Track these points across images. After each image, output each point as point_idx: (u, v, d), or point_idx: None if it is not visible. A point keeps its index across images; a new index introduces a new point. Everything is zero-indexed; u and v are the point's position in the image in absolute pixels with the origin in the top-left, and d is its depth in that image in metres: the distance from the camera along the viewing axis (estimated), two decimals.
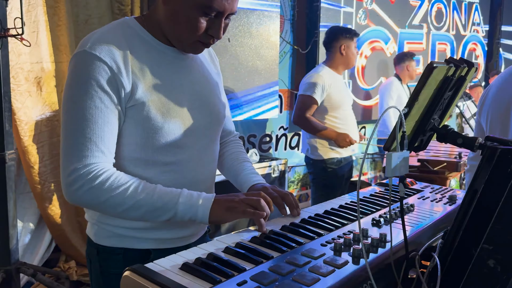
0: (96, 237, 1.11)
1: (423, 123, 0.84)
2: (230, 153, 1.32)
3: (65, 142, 0.98)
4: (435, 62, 0.75)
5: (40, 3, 2.44)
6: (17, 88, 2.35)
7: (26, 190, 2.62)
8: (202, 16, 1.00)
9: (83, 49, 0.98)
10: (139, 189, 0.97)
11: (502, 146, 0.77)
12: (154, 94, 1.03)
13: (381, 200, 1.18)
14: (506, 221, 0.77)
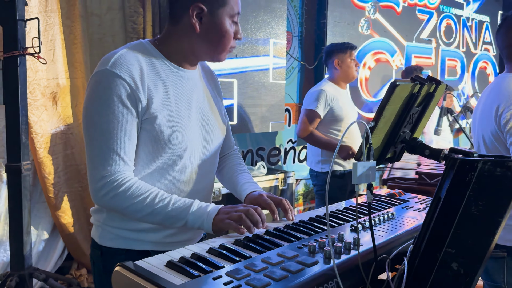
0: (100, 239, 1.21)
1: (392, 136, 0.91)
2: (229, 166, 1.42)
3: (91, 152, 1.10)
4: (398, 80, 0.83)
5: (57, 22, 2.59)
6: (34, 102, 2.49)
7: (41, 199, 2.74)
8: (232, 24, 1.20)
9: (105, 67, 1.09)
10: (156, 199, 1.08)
11: (462, 157, 0.83)
12: (165, 109, 1.14)
13: (363, 208, 1.25)
14: (466, 226, 0.84)
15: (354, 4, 4.25)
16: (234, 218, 1.03)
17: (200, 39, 1.18)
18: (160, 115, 1.13)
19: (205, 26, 1.17)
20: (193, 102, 1.22)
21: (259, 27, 3.32)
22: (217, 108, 1.33)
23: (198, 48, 1.20)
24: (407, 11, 4.89)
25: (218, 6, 1.16)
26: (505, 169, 0.79)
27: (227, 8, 1.17)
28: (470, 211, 0.82)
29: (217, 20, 1.16)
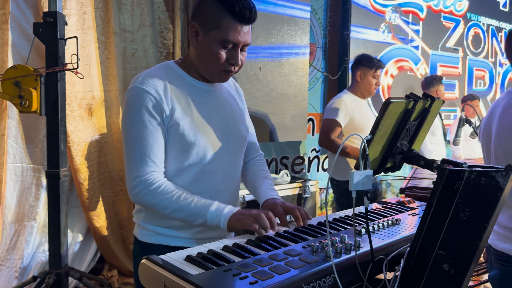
0: (140, 236, 1.37)
1: (390, 148, 1.01)
2: (253, 171, 1.55)
3: (127, 157, 1.28)
4: (392, 98, 0.92)
5: (93, 39, 2.79)
6: (71, 113, 2.69)
7: (76, 204, 2.93)
8: (222, 49, 1.27)
9: (135, 85, 1.28)
10: (181, 197, 1.23)
11: (450, 167, 0.92)
12: (187, 116, 1.30)
13: (372, 215, 1.34)
14: (455, 230, 0.92)
15: (374, 8, 4.25)
16: (247, 221, 1.15)
17: (197, 58, 1.32)
18: (183, 122, 1.28)
19: (200, 46, 1.29)
20: (214, 110, 1.37)
21: (283, 40, 3.44)
22: (238, 116, 1.46)
23: (199, 68, 1.33)
24: (431, 18, 4.84)
25: (211, 29, 1.25)
26: (489, 179, 0.87)
27: (219, 33, 1.24)
28: (458, 217, 0.90)
29: (208, 41, 1.26)
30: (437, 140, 3.80)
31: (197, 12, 1.30)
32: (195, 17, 1.30)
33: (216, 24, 1.24)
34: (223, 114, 1.40)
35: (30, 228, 2.71)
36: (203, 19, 1.27)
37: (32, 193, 2.71)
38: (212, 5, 1.26)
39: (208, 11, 1.26)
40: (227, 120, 1.40)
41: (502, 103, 1.51)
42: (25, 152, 2.68)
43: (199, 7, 1.30)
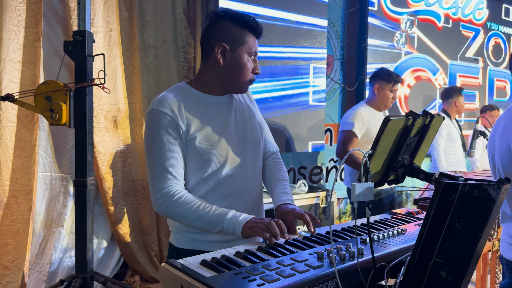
0: (176, 242, 1.49)
1: (391, 162, 1.08)
2: (270, 172, 1.65)
3: (150, 172, 1.41)
4: (391, 116, 1.00)
5: (118, 55, 2.94)
6: (98, 125, 2.83)
7: (101, 211, 3.07)
8: (249, 61, 1.45)
9: (152, 107, 1.42)
10: (200, 207, 1.34)
11: (447, 180, 0.98)
12: (203, 129, 1.42)
13: (379, 224, 1.40)
14: (451, 239, 0.98)
15: (388, 16, 4.25)
16: (260, 228, 1.23)
17: (224, 72, 1.45)
18: (199, 135, 1.40)
19: (228, 61, 1.43)
20: (227, 120, 1.49)
21: (300, 52, 3.53)
22: (251, 119, 1.57)
23: (223, 79, 1.47)
24: (449, 27, 4.80)
25: (238, 45, 1.43)
26: (482, 192, 0.93)
27: (245, 47, 1.44)
28: (454, 227, 0.97)
29: (237, 56, 1.43)
30: (456, 150, 3.80)
31: (218, 33, 1.44)
32: (217, 39, 1.43)
33: (241, 41, 1.43)
34: (236, 120, 1.51)
35: (58, 234, 2.86)
36: (229, 39, 1.42)
37: (60, 200, 2.86)
38: (231, 26, 1.44)
39: (230, 32, 1.43)
40: (241, 125, 1.52)
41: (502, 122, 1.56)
42: (54, 162, 2.83)
43: (219, 30, 1.44)
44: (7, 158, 2.56)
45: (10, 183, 2.60)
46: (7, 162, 2.57)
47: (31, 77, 2.62)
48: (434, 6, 4.66)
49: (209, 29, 1.46)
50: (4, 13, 2.50)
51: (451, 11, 4.83)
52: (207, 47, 1.46)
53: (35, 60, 2.62)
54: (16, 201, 2.61)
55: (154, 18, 3.09)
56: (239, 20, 1.44)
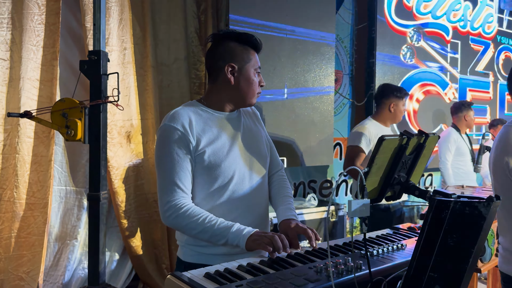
0: (184, 256, 1.54)
1: (388, 179, 1.12)
2: (275, 188, 1.70)
3: (159, 185, 1.48)
4: (385, 135, 1.05)
5: (132, 72, 3.05)
6: (111, 140, 2.92)
7: (114, 224, 3.14)
8: (255, 75, 1.57)
9: (165, 123, 1.50)
10: (206, 220, 1.40)
11: (439, 197, 1.02)
12: (211, 145, 1.49)
13: (380, 240, 1.44)
14: (445, 254, 1.01)
15: (394, 29, 4.26)
16: (263, 241, 1.28)
17: (234, 90, 1.55)
18: (208, 150, 1.47)
19: (237, 79, 1.54)
20: (236, 135, 1.56)
21: (308, 69, 3.60)
22: (258, 136, 1.65)
23: (234, 96, 1.56)
24: (458, 40, 4.80)
25: (245, 63, 1.54)
26: (473, 209, 0.97)
27: (251, 63, 1.55)
28: (447, 242, 1.00)
29: (246, 73, 1.54)
30: (466, 165, 3.80)
31: (225, 54, 1.54)
32: (225, 60, 1.53)
33: (247, 59, 1.54)
34: (244, 136, 1.59)
35: (71, 246, 2.93)
36: (235, 58, 1.53)
37: (74, 214, 2.94)
38: (236, 46, 1.54)
39: (236, 52, 1.54)
40: (248, 141, 1.59)
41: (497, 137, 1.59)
42: (69, 176, 2.93)
43: (225, 51, 1.54)
44: (24, 172, 2.66)
45: (27, 197, 2.69)
46: (24, 176, 2.66)
47: (48, 94, 2.73)
48: (441, 19, 4.66)
49: (215, 51, 1.56)
50: (24, 33, 2.63)
51: (459, 24, 4.84)
52: (216, 69, 1.56)
53: (52, 78, 2.73)
54: (32, 214, 2.70)
55: (167, 37, 3.19)
56: (241, 39, 1.56)
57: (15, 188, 2.64)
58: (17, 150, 2.62)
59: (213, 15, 3.34)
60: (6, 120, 2.61)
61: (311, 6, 3.58)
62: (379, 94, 3.15)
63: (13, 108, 2.61)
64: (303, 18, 3.55)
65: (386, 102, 3.07)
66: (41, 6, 2.66)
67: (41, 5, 2.66)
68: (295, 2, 3.49)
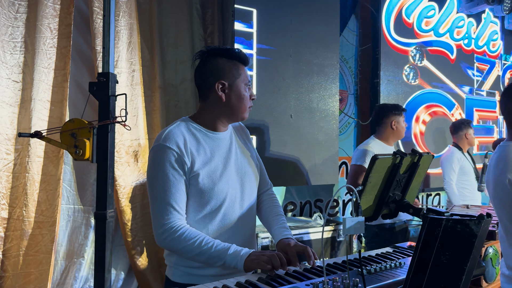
0: (173, 276, 1.54)
1: (382, 197, 1.15)
2: (266, 207, 1.72)
3: (153, 206, 1.47)
4: (379, 154, 1.08)
5: (140, 93, 3.12)
6: (119, 160, 2.98)
7: (120, 243, 3.17)
8: (246, 89, 1.57)
9: (158, 142, 1.48)
10: (202, 242, 1.40)
11: (431, 215, 1.05)
12: (206, 167, 1.49)
13: (379, 258, 1.45)
14: (438, 271, 1.03)
15: (395, 48, 4.26)
16: (262, 261, 1.31)
17: (226, 106, 1.54)
18: (202, 172, 1.47)
19: (228, 95, 1.53)
20: (228, 156, 1.57)
21: (312, 89, 3.65)
22: (249, 156, 1.66)
23: (227, 113, 1.56)
24: (463, 59, 4.83)
25: (235, 78, 1.54)
26: (464, 226, 1.00)
27: (241, 78, 1.56)
28: (440, 260, 1.02)
29: (236, 89, 1.54)
30: (471, 184, 3.78)
31: (214, 72, 1.53)
32: (215, 77, 1.53)
33: (236, 74, 1.54)
34: (236, 158, 1.60)
35: (78, 264, 2.97)
36: (225, 75, 1.53)
37: (82, 232, 2.99)
38: (224, 62, 1.54)
39: (225, 68, 1.53)
40: (240, 162, 1.60)
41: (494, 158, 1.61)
42: (76, 195, 2.98)
43: (213, 68, 1.54)
44: (33, 191, 2.72)
45: (35, 215, 2.74)
46: (33, 194, 2.72)
47: (58, 115, 2.81)
48: (445, 37, 4.67)
49: (203, 69, 1.55)
50: (36, 56, 2.72)
51: (463, 42, 4.87)
52: (206, 86, 1.55)
53: (62, 100, 2.81)
54: (40, 232, 2.74)
55: (174, 59, 3.27)
56: (229, 54, 1.55)
57: (24, 206, 2.69)
58: (27, 169, 2.69)
59: (219, 38, 3.42)
60: (17, 140, 2.68)
61: (315, 27, 3.66)
62: (377, 115, 3.20)
63: (24, 128, 2.69)
64: (307, 40, 3.62)
65: (387, 121, 3.12)
66: (53, 30, 2.76)
67: (53, 29, 2.76)
68: (298, 24, 3.57)
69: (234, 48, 1.58)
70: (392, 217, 1.23)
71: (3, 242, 2.63)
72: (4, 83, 2.62)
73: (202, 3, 3.39)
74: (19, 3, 2.67)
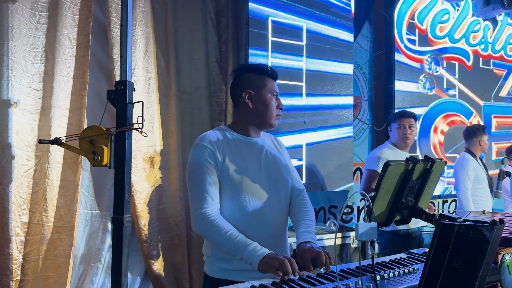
0: (209, 271, 1.67)
1: (395, 203, 1.16)
2: (297, 211, 1.80)
3: (191, 194, 1.64)
4: (391, 161, 1.10)
5: (155, 101, 3.18)
6: (136, 165, 3.04)
7: (136, 247, 3.22)
8: (273, 99, 1.75)
9: (196, 142, 1.70)
10: (228, 233, 1.51)
11: (444, 221, 1.06)
12: (235, 163, 1.65)
13: (395, 264, 1.46)
14: (451, 277, 1.04)
15: (410, 58, 4.19)
16: (273, 265, 1.33)
17: (253, 112, 1.74)
18: (231, 167, 1.64)
19: (255, 103, 1.74)
20: (257, 158, 1.71)
21: (327, 96, 3.66)
22: (279, 161, 1.78)
23: (255, 119, 1.74)
24: (480, 65, 4.73)
25: (260, 88, 1.74)
26: (477, 232, 1.00)
27: (267, 88, 1.75)
28: (453, 265, 1.03)
29: (262, 97, 1.74)
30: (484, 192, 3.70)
31: (242, 83, 1.75)
32: (243, 88, 1.74)
33: (262, 85, 1.75)
34: (266, 159, 1.73)
35: (95, 269, 3.02)
36: (251, 86, 1.74)
37: (99, 237, 3.04)
38: (252, 75, 1.76)
39: (252, 80, 1.76)
40: (269, 164, 1.73)
41: None
42: (94, 200, 3.04)
43: (243, 81, 1.76)
44: (53, 196, 2.78)
45: (55, 220, 2.80)
46: (52, 200, 2.79)
47: (77, 122, 2.88)
48: (460, 43, 4.61)
49: (235, 83, 1.81)
50: (56, 65, 2.80)
51: (480, 47, 4.80)
52: (236, 97, 1.77)
53: (81, 107, 2.88)
54: (59, 236, 2.81)
55: (189, 67, 3.33)
56: (256, 69, 1.78)
57: (44, 211, 2.76)
58: (47, 175, 2.76)
59: (233, 46, 3.47)
60: (37, 147, 2.76)
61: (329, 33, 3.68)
62: (388, 122, 3.24)
63: (44, 135, 2.76)
64: (322, 45, 3.64)
65: (392, 127, 3.15)
66: (72, 39, 2.84)
67: (72, 39, 2.84)
68: (312, 31, 3.59)
69: (262, 64, 1.82)
70: (405, 223, 1.23)
71: (24, 246, 2.70)
72: (25, 92, 2.69)
73: (216, 12, 3.45)
74: (40, 14, 2.76)
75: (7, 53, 2.56)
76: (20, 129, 2.66)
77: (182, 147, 3.30)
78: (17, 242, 2.64)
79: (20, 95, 2.65)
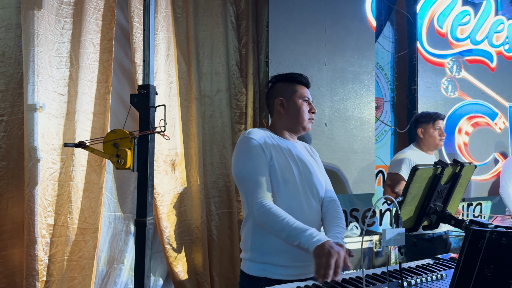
0: (248, 270, 1.70)
1: (423, 208, 1.14)
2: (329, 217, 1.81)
3: (246, 186, 1.68)
4: (419, 165, 1.07)
5: (176, 104, 3.21)
6: (157, 168, 3.07)
7: (159, 249, 3.25)
8: (304, 104, 1.84)
9: (244, 136, 1.75)
10: (285, 220, 1.54)
11: (475, 227, 1.03)
12: (279, 160, 1.70)
13: (421, 270, 1.43)
14: (482, 285, 1.01)
15: (430, 62, 4.15)
16: (329, 254, 1.34)
17: (286, 117, 1.84)
18: (276, 163, 1.70)
19: (286, 109, 1.84)
20: (295, 158, 1.78)
21: (348, 97, 3.63)
22: (313, 165, 1.84)
23: (288, 123, 1.82)
24: (503, 66, 4.63)
25: (291, 95, 1.84)
26: (510, 239, 0.97)
27: (297, 94, 1.84)
28: (484, 273, 1.00)
29: (293, 102, 1.83)
30: None
31: (274, 92, 1.87)
32: (274, 96, 1.85)
33: (293, 91, 1.84)
34: (301, 160, 1.79)
35: (118, 270, 3.06)
36: (283, 93, 1.85)
37: (122, 239, 3.08)
38: (283, 84, 1.87)
39: (283, 88, 1.87)
40: (305, 170, 1.78)
41: None
42: (117, 202, 3.08)
43: (275, 89, 1.88)
44: (77, 199, 2.83)
45: (79, 222, 2.85)
46: (77, 202, 2.83)
47: (101, 125, 2.92)
48: (483, 44, 4.52)
49: (268, 93, 1.93)
50: (80, 70, 2.85)
51: (504, 48, 4.69)
52: (270, 105, 1.90)
53: (104, 111, 2.92)
54: (83, 238, 2.85)
55: (209, 70, 3.35)
56: (287, 78, 1.88)
57: (68, 213, 2.81)
58: (72, 178, 2.81)
59: (253, 49, 3.47)
60: (62, 150, 2.81)
61: (349, 35, 3.65)
62: (412, 123, 3.18)
63: (68, 139, 2.81)
64: (342, 47, 3.61)
65: (417, 130, 3.07)
66: (96, 45, 2.89)
67: (96, 44, 2.89)
68: (333, 31, 3.57)
69: (293, 73, 1.88)
70: (432, 228, 1.21)
71: (49, 247, 2.75)
72: (51, 96, 2.75)
73: (237, 15, 3.46)
74: (65, 20, 2.81)
75: (33, 58, 2.62)
76: (45, 133, 2.71)
77: (202, 150, 3.32)
78: (43, 244, 2.69)
79: (45, 99, 2.71)
